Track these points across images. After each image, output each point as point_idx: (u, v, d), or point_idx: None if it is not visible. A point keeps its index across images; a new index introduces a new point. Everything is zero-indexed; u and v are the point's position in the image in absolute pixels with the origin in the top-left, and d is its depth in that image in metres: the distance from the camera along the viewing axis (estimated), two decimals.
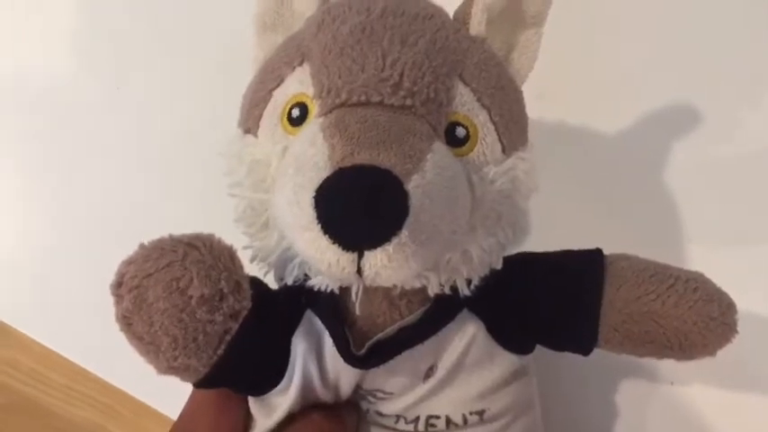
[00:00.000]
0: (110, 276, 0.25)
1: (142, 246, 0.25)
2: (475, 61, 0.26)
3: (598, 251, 0.30)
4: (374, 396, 0.29)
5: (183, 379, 0.26)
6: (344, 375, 0.28)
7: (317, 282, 0.26)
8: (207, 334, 0.25)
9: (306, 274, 0.27)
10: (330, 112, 0.24)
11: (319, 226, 0.22)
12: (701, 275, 0.29)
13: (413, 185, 0.22)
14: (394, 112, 0.24)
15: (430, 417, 0.29)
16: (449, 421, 0.29)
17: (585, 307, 0.29)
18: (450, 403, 0.29)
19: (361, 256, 0.22)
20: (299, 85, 0.26)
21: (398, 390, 0.29)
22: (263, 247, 0.27)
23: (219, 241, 0.25)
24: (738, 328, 0.28)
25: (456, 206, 0.24)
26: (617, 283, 0.29)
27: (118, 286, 0.24)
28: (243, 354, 0.26)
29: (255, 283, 0.27)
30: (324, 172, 0.22)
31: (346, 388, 0.29)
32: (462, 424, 0.29)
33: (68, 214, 0.51)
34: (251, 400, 0.29)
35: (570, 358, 0.30)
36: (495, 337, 0.29)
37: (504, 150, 0.27)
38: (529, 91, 0.29)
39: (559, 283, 0.29)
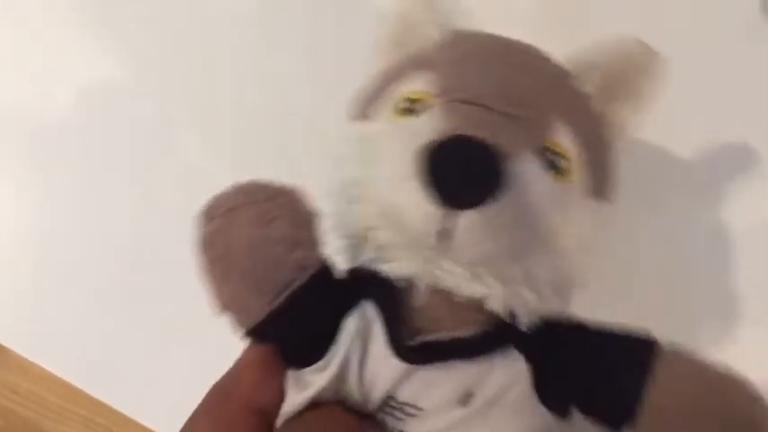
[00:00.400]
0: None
1: (236, 184, 0.27)
2: (579, 106, 0.29)
3: (653, 338, 0.29)
4: (404, 412, 0.28)
5: (238, 322, 0.27)
6: (382, 374, 0.27)
7: (386, 268, 0.27)
8: (274, 277, 0.26)
9: (376, 262, 0.28)
10: (443, 104, 0.27)
11: (421, 180, 0.23)
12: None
13: (515, 166, 0.24)
14: (501, 116, 0.26)
15: None
16: None
17: (627, 393, 0.28)
18: None
19: (455, 218, 0.23)
20: (415, 84, 0.28)
21: (432, 407, 0.28)
22: (347, 223, 0.28)
23: (305, 198, 0.27)
24: None
25: (542, 210, 0.25)
26: (666, 376, 0.27)
27: (211, 209, 0.26)
28: (297, 314, 0.27)
29: (325, 261, 0.28)
30: (431, 138, 0.24)
31: (378, 392, 0.28)
32: None
33: (68, 219, 0.50)
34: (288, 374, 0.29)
35: None
36: (536, 389, 0.28)
37: (592, 194, 0.28)
38: None
39: (609, 362, 0.29)
